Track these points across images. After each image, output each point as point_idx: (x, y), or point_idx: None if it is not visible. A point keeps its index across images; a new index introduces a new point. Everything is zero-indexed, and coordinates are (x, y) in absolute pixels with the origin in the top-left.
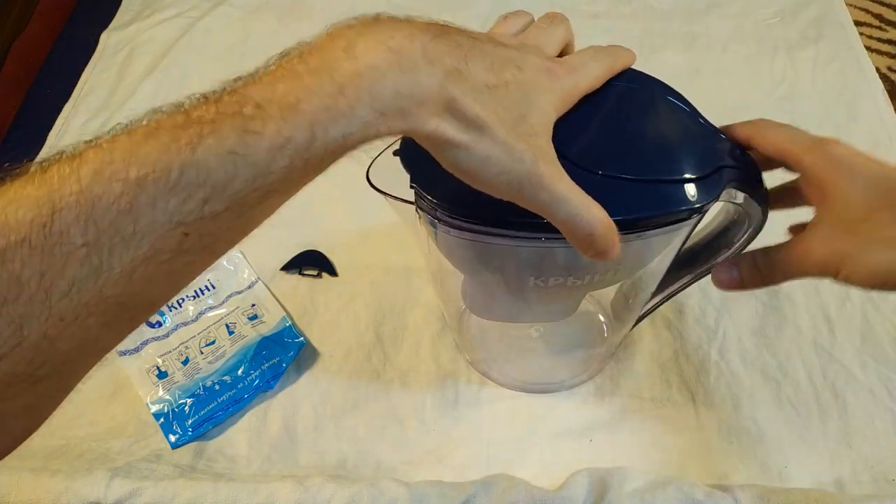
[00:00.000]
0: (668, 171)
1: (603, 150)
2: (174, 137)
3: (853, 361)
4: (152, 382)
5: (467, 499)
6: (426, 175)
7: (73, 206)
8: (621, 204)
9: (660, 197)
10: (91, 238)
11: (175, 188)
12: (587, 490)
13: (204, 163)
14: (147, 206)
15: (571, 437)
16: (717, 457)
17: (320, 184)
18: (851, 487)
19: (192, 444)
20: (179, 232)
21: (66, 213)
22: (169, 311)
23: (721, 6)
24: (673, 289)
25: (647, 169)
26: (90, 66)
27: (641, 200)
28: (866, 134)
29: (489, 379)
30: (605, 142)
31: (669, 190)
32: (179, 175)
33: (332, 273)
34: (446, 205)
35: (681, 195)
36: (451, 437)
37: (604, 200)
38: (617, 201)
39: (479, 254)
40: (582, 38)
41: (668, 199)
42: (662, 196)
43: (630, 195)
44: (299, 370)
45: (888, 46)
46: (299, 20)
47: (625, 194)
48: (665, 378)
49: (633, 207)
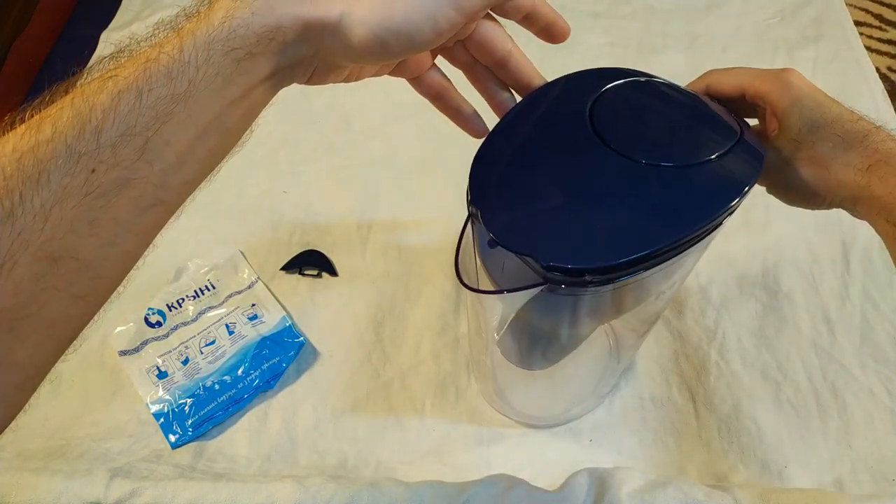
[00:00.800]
0: (720, 145)
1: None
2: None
3: (853, 361)
4: (152, 382)
5: (467, 499)
6: (550, 249)
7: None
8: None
9: (738, 169)
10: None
11: (71, 124)
12: (587, 490)
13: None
14: (45, 144)
15: (571, 437)
16: (717, 457)
17: (320, 184)
18: (851, 487)
19: (192, 444)
20: (83, 167)
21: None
22: (169, 311)
23: (721, 6)
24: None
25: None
26: None
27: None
28: None
29: (508, 418)
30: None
31: (740, 159)
32: (72, 110)
33: (332, 273)
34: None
35: (748, 161)
36: (451, 437)
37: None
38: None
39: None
40: (582, 38)
41: (750, 165)
42: (740, 167)
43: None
44: (299, 370)
45: (888, 46)
46: None
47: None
48: (665, 378)
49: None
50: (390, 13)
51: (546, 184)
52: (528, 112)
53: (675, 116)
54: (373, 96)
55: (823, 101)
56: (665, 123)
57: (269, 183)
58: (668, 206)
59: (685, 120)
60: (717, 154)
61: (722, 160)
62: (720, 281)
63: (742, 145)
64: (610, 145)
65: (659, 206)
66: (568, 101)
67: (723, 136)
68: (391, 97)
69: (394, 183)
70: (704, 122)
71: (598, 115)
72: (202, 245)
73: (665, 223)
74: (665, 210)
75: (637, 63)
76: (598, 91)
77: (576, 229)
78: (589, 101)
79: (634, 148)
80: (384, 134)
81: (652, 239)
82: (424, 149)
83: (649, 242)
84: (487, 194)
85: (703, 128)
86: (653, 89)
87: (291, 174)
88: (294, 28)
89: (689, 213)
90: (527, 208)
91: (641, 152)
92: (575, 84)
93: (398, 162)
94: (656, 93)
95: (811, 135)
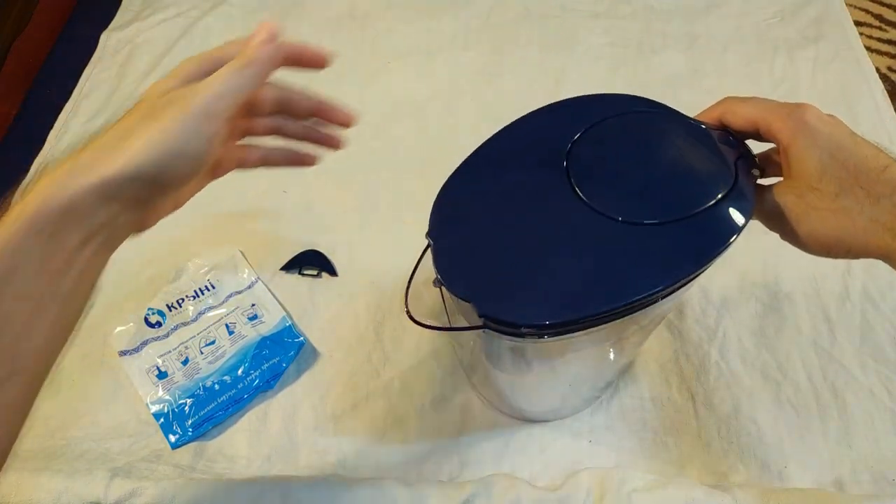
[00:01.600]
0: (705, 197)
1: (628, 199)
2: None
3: (853, 361)
4: (152, 382)
5: (467, 499)
6: (492, 300)
7: None
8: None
9: (718, 223)
10: None
11: None
12: (587, 490)
13: None
14: None
15: (571, 437)
16: (717, 457)
17: (320, 184)
18: (851, 487)
19: (192, 445)
20: None
21: None
22: (169, 311)
23: (721, 6)
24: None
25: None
26: (90, 66)
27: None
28: (866, 134)
29: (502, 413)
30: (632, 191)
31: (721, 212)
32: None
33: (332, 273)
34: (534, 321)
35: (719, 224)
36: (450, 436)
37: (675, 250)
38: (684, 247)
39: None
40: (582, 38)
41: (727, 221)
42: (719, 221)
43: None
44: (299, 370)
45: (888, 46)
46: (299, 20)
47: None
48: (665, 378)
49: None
50: (160, 151)
51: (506, 228)
52: (505, 143)
53: (663, 161)
54: (373, 96)
55: (843, 144)
56: (649, 171)
57: (269, 183)
58: (625, 267)
59: (673, 166)
60: (698, 210)
61: (701, 217)
62: (720, 280)
63: (730, 200)
64: (583, 197)
65: (616, 266)
66: (549, 137)
67: (711, 186)
68: (391, 97)
69: (394, 183)
70: (695, 168)
71: (577, 157)
72: (202, 245)
73: (615, 287)
74: (621, 272)
75: (637, 63)
76: (582, 127)
77: (521, 281)
78: (570, 139)
79: (608, 201)
80: (384, 134)
81: (594, 302)
82: (424, 149)
83: (590, 306)
84: (445, 229)
85: (692, 176)
86: (645, 126)
87: (291, 174)
88: (90, 196)
89: (645, 279)
90: (479, 250)
91: (615, 207)
92: (561, 115)
93: (398, 162)
94: (647, 131)
95: (831, 184)
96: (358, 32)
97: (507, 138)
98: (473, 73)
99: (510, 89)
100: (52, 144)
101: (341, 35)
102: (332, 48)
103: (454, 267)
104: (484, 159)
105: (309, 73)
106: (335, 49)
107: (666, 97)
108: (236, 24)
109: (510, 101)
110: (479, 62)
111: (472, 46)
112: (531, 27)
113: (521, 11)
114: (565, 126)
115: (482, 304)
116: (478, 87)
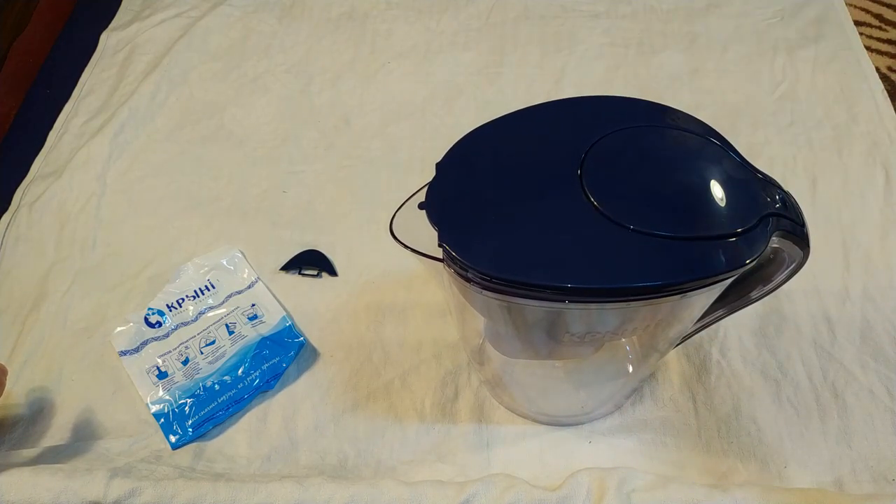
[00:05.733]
0: (707, 226)
1: (636, 202)
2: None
3: (853, 361)
4: (152, 382)
5: (467, 499)
6: (455, 232)
7: None
8: (653, 266)
9: (695, 257)
10: None
11: None
12: (587, 490)
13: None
14: None
15: (571, 437)
16: (717, 457)
17: (320, 184)
18: (851, 487)
19: (192, 445)
20: None
21: None
22: (169, 311)
23: (721, 6)
24: (705, 321)
25: (683, 225)
26: (90, 66)
27: (675, 262)
28: (866, 134)
29: (515, 414)
30: (639, 193)
31: (707, 249)
32: None
33: (332, 273)
34: (479, 268)
35: (718, 254)
36: (451, 436)
37: (632, 260)
38: (648, 262)
39: (510, 311)
40: (582, 38)
41: (704, 260)
42: (699, 256)
43: (664, 255)
44: (299, 370)
45: (888, 46)
46: (299, 20)
47: (658, 254)
48: (665, 378)
49: (665, 271)
50: None
51: (505, 192)
52: (535, 118)
53: (685, 181)
54: (373, 96)
55: None
56: (668, 188)
57: (269, 183)
58: (598, 258)
59: (705, 184)
60: (695, 236)
61: (697, 244)
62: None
63: (740, 240)
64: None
65: (589, 253)
66: (569, 133)
67: (742, 212)
68: (391, 97)
69: (394, 183)
70: (729, 189)
71: (596, 157)
72: (202, 245)
73: (574, 268)
74: (590, 259)
75: (637, 63)
76: (612, 129)
77: (492, 234)
78: (595, 138)
79: (614, 206)
80: (384, 134)
81: (547, 274)
82: (424, 149)
83: (541, 275)
84: (452, 170)
85: (711, 204)
86: (679, 143)
87: (291, 174)
88: None
89: (609, 272)
90: (470, 198)
91: (618, 212)
92: (588, 111)
93: (398, 162)
94: (680, 149)
95: None
96: (358, 32)
97: (541, 113)
98: (473, 73)
99: (510, 89)
100: (52, 144)
101: (341, 35)
102: (332, 48)
103: (442, 200)
104: (506, 128)
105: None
106: (335, 49)
107: (666, 97)
108: (236, 25)
109: (510, 102)
110: (479, 62)
111: (472, 46)
112: (531, 27)
113: (521, 11)
114: (597, 124)
115: (446, 235)
116: (477, 87)
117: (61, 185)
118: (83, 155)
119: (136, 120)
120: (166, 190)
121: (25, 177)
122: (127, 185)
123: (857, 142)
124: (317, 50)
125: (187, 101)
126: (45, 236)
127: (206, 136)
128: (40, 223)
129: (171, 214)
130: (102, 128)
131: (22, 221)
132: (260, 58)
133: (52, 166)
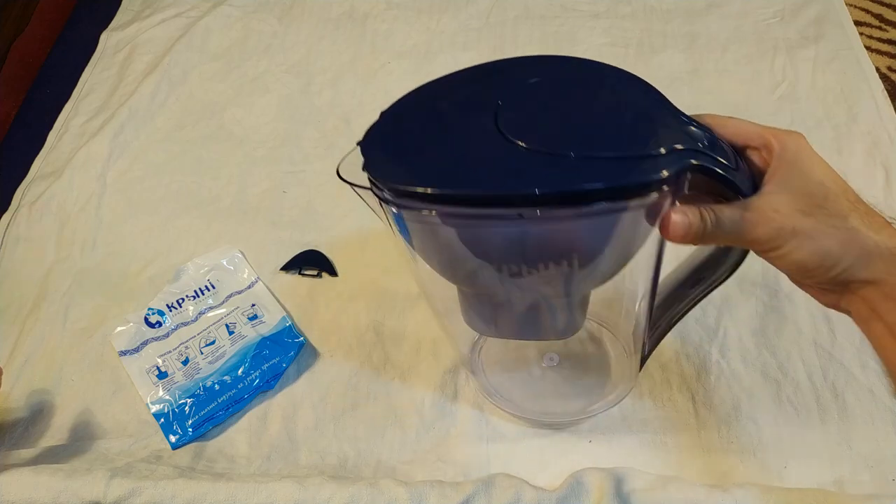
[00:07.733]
0: (604, 148)
1: (542, 128)
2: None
3: (853, 361)
4: (152, 382)
5: (467, 499)
6: (377, 161)
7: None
8: (556, 176)
9: (590, 173)
10: None
11: None
12: (587, 490)
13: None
14: None
15: (571, 437)
16: (717, 457)
17: (320, 183)
18: (851, 487)
19: (192, 445)
20: None
21: None
22: (169, 311)
23: (721, 6)
24: (675, 309)
25: (583, 146)
26: (90, 66)
27: (566, 175)
28: (866, 134)
29: (506, 412)
30: (547, 121)
31: (602, 166)
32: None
33: (332, 273)
34: (388, 182)
35: (611, 172)
36: (451, 436)
37: (525, 172)
38: (539, 174)
39: (435, 237)
40: (582, 38)
41: (592, 174)
42: (594, 172)
43: (557, 169)
44: (299, 370)
45: (888, 46)
46: (299, 20)
47: (550, 167)
48: (665, 378)
49: (554, 181)
50: None
51: (430, 135)
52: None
53: (615, 112)
54: (373, 96)
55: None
56: (592, 115)
57: (269, 183)
58: (501, 170)
59: (622, 117)
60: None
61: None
62: None
63: (653, 161)
64: (503, 129)
65: (495, 167)
66: (504, 81)
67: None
68: (391, 97)
69: None
70: (644, 122)
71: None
72: (202, 245)
73: (477, 175)
74: (493, 170)
75: (637, 63)
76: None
77: (404, 156)
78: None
79: (528, 135)
80: None
81: (451, 184)
82: None
83: (446, 185)
84: (388, 118)
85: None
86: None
87: (291, 174)
88: None
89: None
90: (397, 136)
91: (531, 139)
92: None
93: None
94: (595, 85)
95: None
96: (358, 32)
97: (490, 66)
98: None
99: None
100: (52, 144)
101: (341, 35)
102: (332, 48)
103: (375, 138)
104: (453, 81)
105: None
106: (335, 49)
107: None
108: (236, 25)
109: None
110: (478, 62)
111: (472, 46)
112: (531, 27)
113: (521, 11)
114: (531, 75)
115: (368, 162)
116: None
117: (61, 185)
118: (83, 155)
119: (136, 120)
120: (166, 190)
121: (25, 177)
122: (127, 185)
123: (857, 141)
124: (317, 50)
125: (187, 101)
126: (45, 236)
127: (206, 136)
128: (40, 223)
129: (171, 214)
130: (102, 128)
131: (22, 221)
132: (260, 58)
133: (52, 166)
